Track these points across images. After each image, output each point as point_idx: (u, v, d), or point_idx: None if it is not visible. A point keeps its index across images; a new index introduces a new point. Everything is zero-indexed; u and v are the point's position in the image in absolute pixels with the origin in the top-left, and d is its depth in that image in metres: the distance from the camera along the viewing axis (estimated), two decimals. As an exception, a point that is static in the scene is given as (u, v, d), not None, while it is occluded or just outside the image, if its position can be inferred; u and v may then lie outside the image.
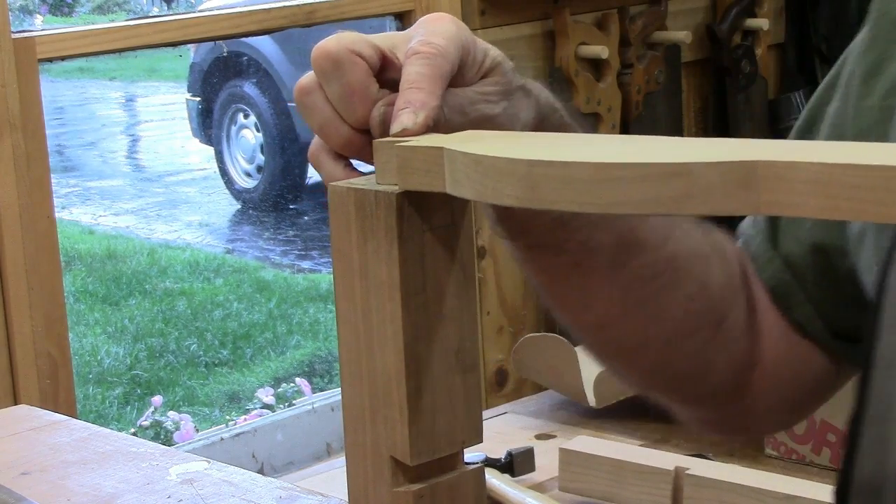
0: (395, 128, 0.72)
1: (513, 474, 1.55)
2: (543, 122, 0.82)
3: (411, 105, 0.73)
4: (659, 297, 0.88)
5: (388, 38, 0.78)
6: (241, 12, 2.14)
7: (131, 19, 2.09)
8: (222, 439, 2.77)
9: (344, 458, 0.73)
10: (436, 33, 0.76)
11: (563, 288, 0.89)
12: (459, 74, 0.77)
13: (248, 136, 6.83)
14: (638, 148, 0.64)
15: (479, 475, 0.73)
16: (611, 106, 2.52)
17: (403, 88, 0.74)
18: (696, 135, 2.86)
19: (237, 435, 2.81)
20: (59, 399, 1.96)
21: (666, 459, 1.44)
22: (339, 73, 0.75)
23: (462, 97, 0.77)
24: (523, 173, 0.61)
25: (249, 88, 6.75)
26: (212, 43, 6.33)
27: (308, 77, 0.77)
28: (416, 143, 0.70)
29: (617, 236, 0.86)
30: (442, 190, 0.67)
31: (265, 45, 6.51)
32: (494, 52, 0.80)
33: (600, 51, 2.45)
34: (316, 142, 0.78)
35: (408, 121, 0.72)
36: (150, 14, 4.79)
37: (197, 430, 3.55)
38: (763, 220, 0.95)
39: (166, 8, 11.24)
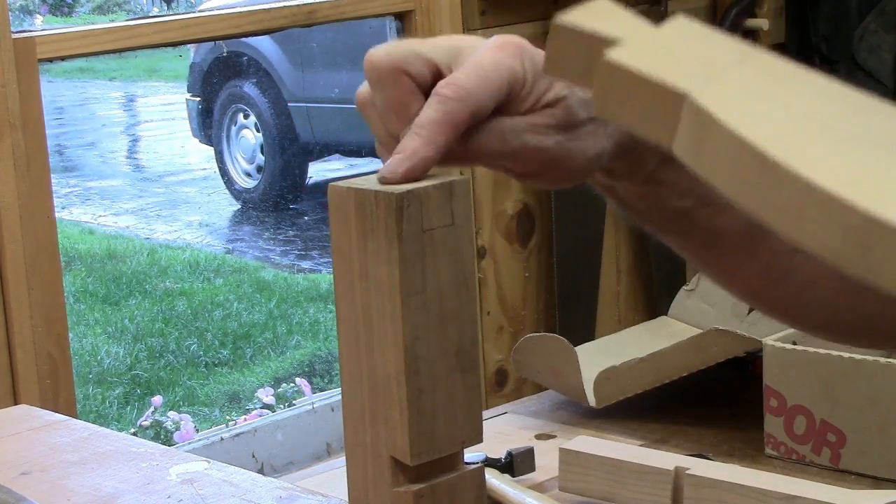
0: (379, 174, 0.72)
1: (513, 474, 1.55)
2: (626, 150, 0.80)
3: (403, 151, 0.72)
4: (804, 268, 0.86)
5: (449, 51, 0.76)
6: (241, 12, 2.14)
7: (131, 19, 2.09)
8: (222, 439, 2.78)
9: (344, 458, 0.73)
10: (476, 68, 0.74)
11: (701, 263, 0.89)
12: (511, 104, 0.75)
13: (248, 136, 6.83)
14: None
15: (479, 475, 0.73)
16: (611, 106, 2.52)
17: (408, 131, 0.73)
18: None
19: (237, 435, 2.81)
20: (59, 399, 1.96)
21: (666, 459, 1.44)
22: (382, 87, 0.75)
23: (505, 124, 0.75)
24: (856, 225, 0.44)
25: (249, 88, 6.75)
26: (212, 43, 6.33)
27: (364, 87, 0.77)
28: (635, 65, 0.51)
29: (748, 219, 0.86)
30: (667, 146, 0.52)
31: (265, 45, 6.51)
32: (561, 85, 0.76)
33: (600, 51, 2.45)
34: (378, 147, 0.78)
35: (387, 170, 0.72)
36: (150, 14, 4.78)
37: (197, 430, 3.55)
38: None
39: (166, 8, 11.25)
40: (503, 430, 1.74)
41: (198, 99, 7.04)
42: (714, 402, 1.79)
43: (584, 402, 1.76)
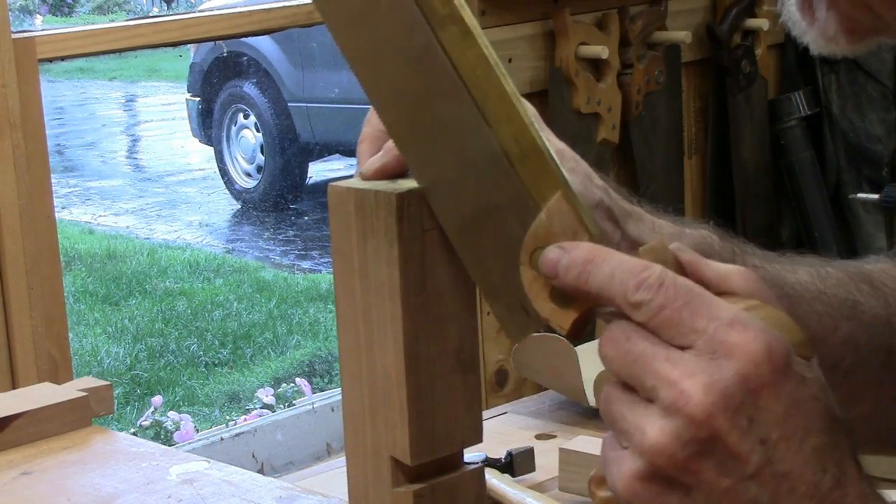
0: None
1: (513, 474, 1.55)
2: None
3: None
4: (847, 381, 0.88)
5: None
6: (241, 12, 2.14)
7: (131, 19, 2.09)
8: (222, 439, 2.78)
9: (344, 458, 0.73)
10: None
11: None
12: None
13: (248, 136, 6.83)
14: None
15: (479, 475, 0.73)
16: (611, 106, 2.52)
17: None
18: (697, 135, 2.86)
19: (237, 435, 2.81)
20: (59, 399, 1.95)
21: (666, 459, 1.44)
22: None
23: None
24: None
25: (249, 88, 6.75)
26: (212, 43, 6.34)
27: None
28: None
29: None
30: None
31: (265, 45, 6.51)
32: None
33: (600, 51, 2.45)
34: None
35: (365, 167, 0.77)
36: (150, 14, 4.78)
37: (197, 430, 3.55)
38: None
39: (166, 8, 11.25)
40: (503, 430, 1.74)
41: (198, 99, 7.04)
42: (714, 402, 1.79)
43: (584, 402, 1.76)
